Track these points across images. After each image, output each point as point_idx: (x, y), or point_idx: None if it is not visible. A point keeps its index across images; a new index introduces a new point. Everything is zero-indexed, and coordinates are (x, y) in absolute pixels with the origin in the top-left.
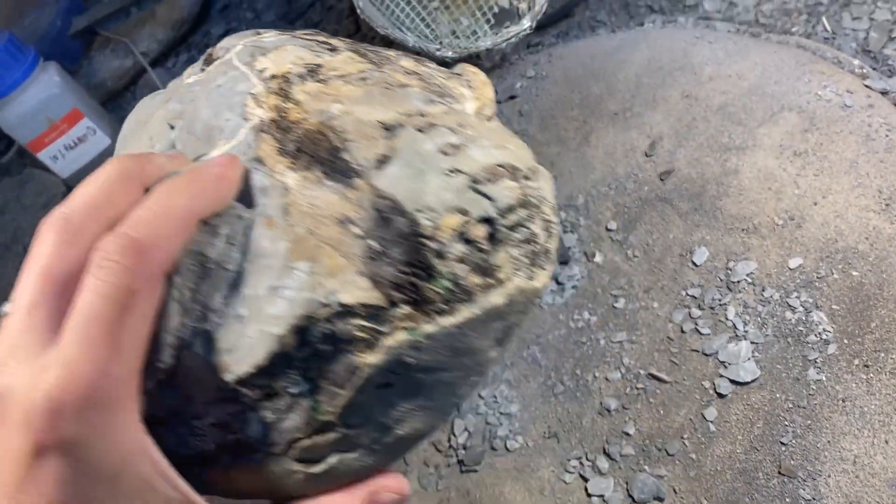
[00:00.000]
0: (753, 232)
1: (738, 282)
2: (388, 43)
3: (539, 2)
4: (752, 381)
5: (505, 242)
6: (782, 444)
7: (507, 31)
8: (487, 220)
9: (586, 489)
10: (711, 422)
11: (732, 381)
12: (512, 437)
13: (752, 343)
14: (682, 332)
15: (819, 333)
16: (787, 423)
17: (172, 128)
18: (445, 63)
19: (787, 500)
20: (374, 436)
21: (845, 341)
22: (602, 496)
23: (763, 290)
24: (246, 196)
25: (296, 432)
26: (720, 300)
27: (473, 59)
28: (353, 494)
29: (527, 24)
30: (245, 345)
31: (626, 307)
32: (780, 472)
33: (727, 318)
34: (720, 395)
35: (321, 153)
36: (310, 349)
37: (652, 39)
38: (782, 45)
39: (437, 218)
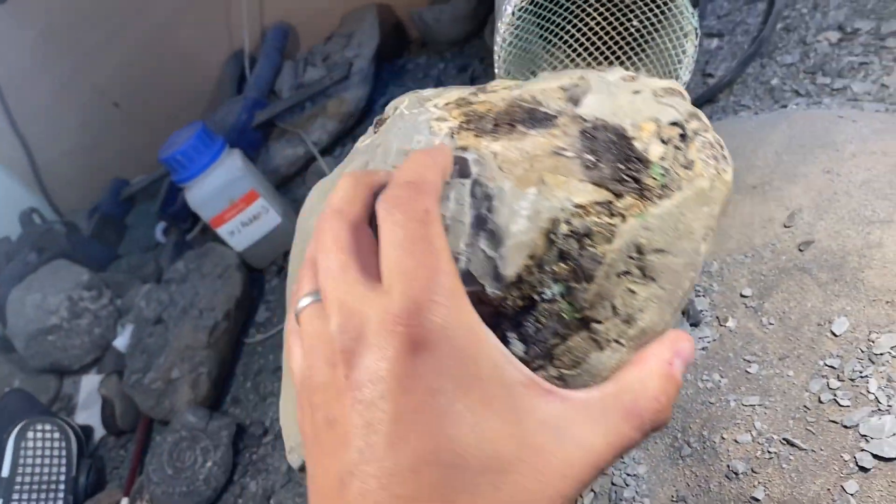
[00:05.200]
0: None
1: (882, 354)
2: None
3: (683, 77)
4: None
5: (693, 141)
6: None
7: None
8: (675, 124)
9: None
10: (852, 495)
11: (875, 456)
12: (639, 499)
13: None
14: (820, 402)
15: None
16: None
17: None
18: None
19: None
20: (621, 328)
21: None
22: None
23: None
24: (464, 171)
25: (552, 338)
26: (861, 372)
27: None
28: (662, 346)
29: None
30: (498, 265)
31: (760, 373)
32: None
33: (869, 391)
34: (862, 469)
35: (518, 116)
36: (556, 250)
37: (793, 119)
38: None
39: (637, 124)
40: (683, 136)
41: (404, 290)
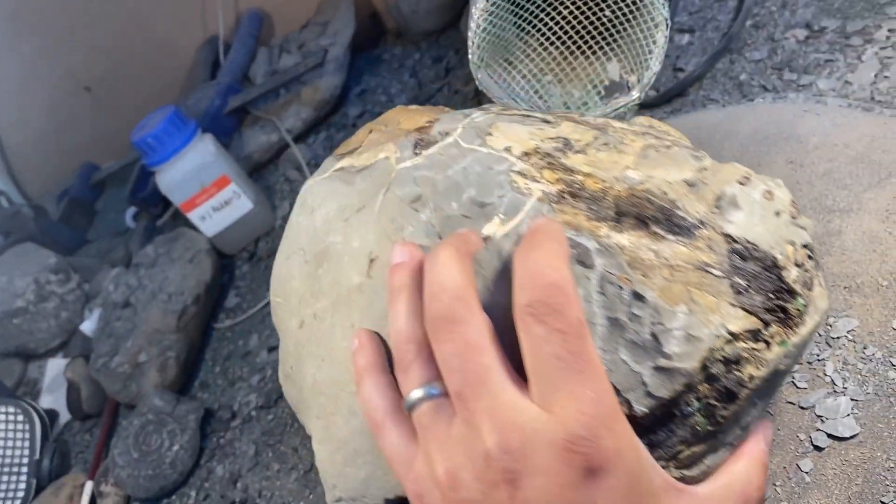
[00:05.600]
0: (856, 291)
1: (839, 338)
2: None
3: (647, 75)
4: (852, 437)
5: (817, 262)
6: (882, 503)
7: (617, 102)
8: (806, 247)
9: None
10: (807, 472)
11: (830, 436)
12: None
13: (851, 400)
14: None
15: None
16: (888, 482)
17: (417, 210)
18: None
19: None
20: (737, 434)
21: None
22: None
23: (865, 349)
24: (584, 259)
25: (679, 445)
26: (818, 355)
27: None
28: (758, 439)
29: (636, 94)
30: (648, 383)
31: None
32: None
33: (825, 374)
34: (817, 448)
35: (649, 214)
36: (705, 374)
37: (759, 112)
38: (895, 118)
39: (782, 250)
40: (811, 258)
41: (577, 413)
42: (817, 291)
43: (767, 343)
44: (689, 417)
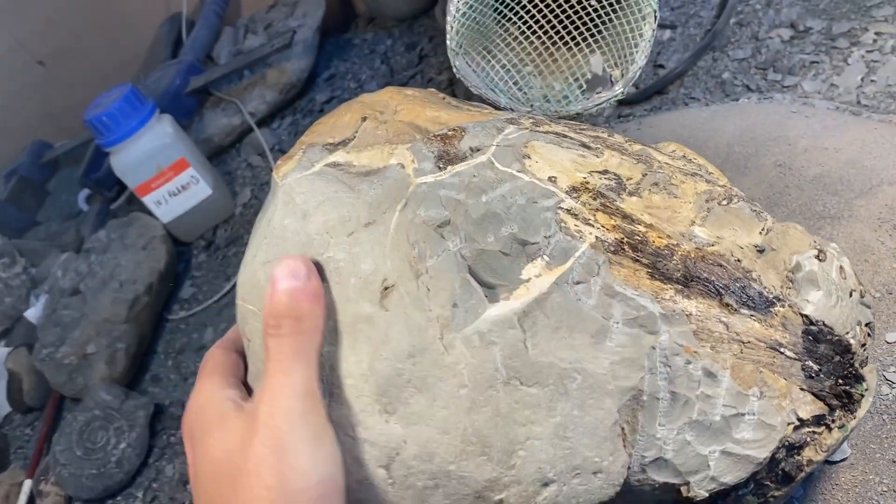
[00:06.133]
0: None
1: None
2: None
3: (632, 69)
4: (842, 460)
5: (873, 337)
6: None
7: (599, 97)
8: (867, 325)
9: None
10: (797, 498)
11: None
12: None
13: None
14: None
15: None
16: None
17: (444, 238)
18: None
19: None
20: None
21: None
22: None
23: None
24: (647, 323)
25: None
26: None
27: None
28: None
29: (619, 89)
30: (714, 467)
31: None
32: None
33: None
34: None
35: (722, 282)
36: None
37: (746, 112)
38: (884, 123)
39: (854, 333)
40: (870, 335)
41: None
42: (868, 368)
43: (829, 428)
44: (741, 498)
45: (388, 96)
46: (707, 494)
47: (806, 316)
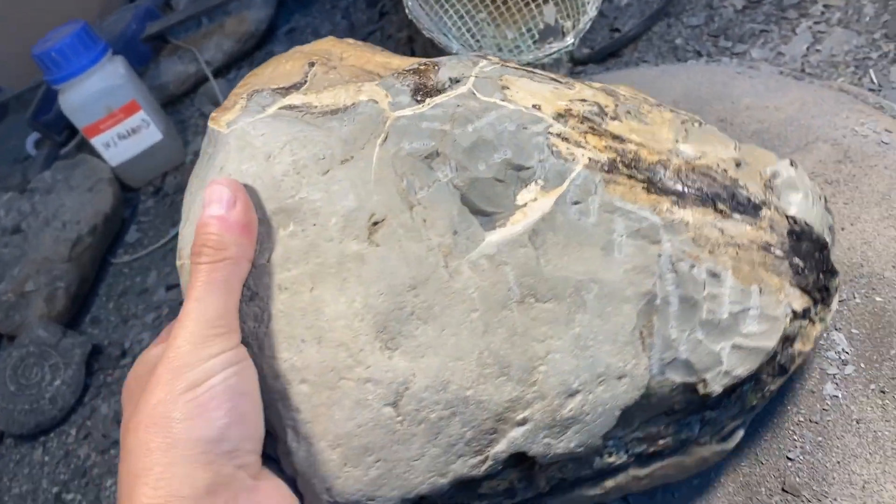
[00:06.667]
0: None
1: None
2: (432, 46)
3: (584, 20)
4: None
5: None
6: (789, 459)
7: (550, 47)
8: (831, 228)
9: None
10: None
11: None
12: None
13: None
14: None
15: (839, 352)
16: (796, 437)
17: (433, 168)
18: None
19: None
20: (762, 405)
21: (863, 365)
22: None
23: None
24: (650, 234)
25: (727, 420)
26: None
27: None
28: None
29: (570, 40)
30: (727, 362)
31: None
32: (783, 489)
33: None
34: None
35: (713, 190)
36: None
37: (693, 72)
38: (824, 87)
39: (826, 232)
40: (832, 234)
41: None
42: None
43: (812, 321)
44: (745, 394)
45: (329, 45)
46: (721, 389)
47: (791, 217)
